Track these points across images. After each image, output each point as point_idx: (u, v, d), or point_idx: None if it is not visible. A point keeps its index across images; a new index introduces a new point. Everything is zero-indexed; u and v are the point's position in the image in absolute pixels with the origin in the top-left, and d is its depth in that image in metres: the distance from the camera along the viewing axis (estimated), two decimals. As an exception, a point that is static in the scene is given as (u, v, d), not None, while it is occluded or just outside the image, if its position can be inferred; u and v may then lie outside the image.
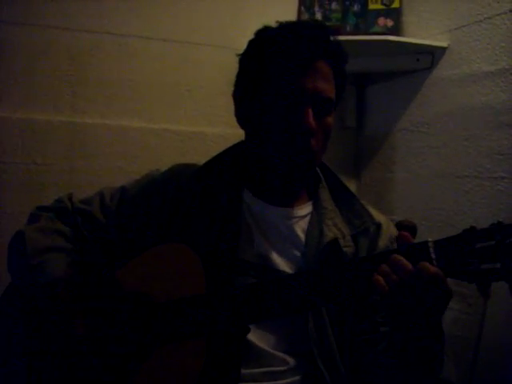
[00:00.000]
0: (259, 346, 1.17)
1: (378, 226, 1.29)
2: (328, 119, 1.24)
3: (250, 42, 1.29)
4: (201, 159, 1.37)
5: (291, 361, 1.19)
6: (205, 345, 1.05)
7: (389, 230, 1.30)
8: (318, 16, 2.39)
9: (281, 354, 1.19)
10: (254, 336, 1.15)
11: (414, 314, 0.97)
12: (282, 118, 1.20)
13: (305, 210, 1.31)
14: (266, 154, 1.24)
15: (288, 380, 1.18)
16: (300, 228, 1.28)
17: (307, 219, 1.30)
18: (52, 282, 1.16)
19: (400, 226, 1.66)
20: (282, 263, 1.23)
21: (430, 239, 0.97)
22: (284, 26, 1.27)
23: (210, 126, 2.28)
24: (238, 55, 1.31)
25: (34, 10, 2.05)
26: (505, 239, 0.90)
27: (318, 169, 1.37)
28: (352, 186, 2.65)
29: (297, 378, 1.18)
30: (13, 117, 2.02)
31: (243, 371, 1.12)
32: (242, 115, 1.31)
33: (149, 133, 2.22)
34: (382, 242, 1.27)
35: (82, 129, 2.12)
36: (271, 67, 1.22)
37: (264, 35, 1.27)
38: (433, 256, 0.95)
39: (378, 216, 1.31)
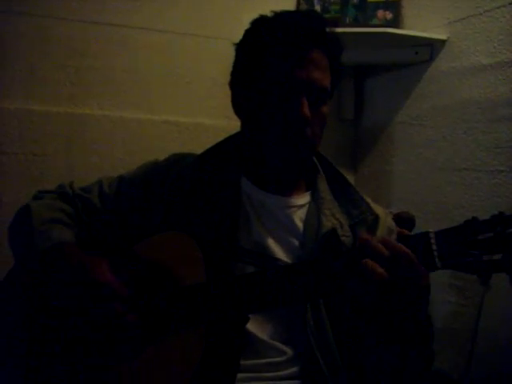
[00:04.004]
0: (257, 335, 1.17)
1: (376, 217, 1.29)
2: (323, 109, 1.24)
3: (246, 32, 1.29)
4: (200, 151, 1.37)
5: (289, 351, 1.19)
6: (204, 334, 1.05)
7: (387, 222, 1.30)
8: (318, 8, 2.39)
9: (279, 344, 1.19)
10: (251, 325, 1.15)
11: (390, 298, 0.96)
12: (277, 108, 1.20)
13: (303, 199, 1.31)
14: (262, 143, 1.25)
15: (287, 371, 1.18)
16: (298, 217, 1.28)
17: (305, 209, 1.30)
18: (60, 243, 1.18)
19: (398, 218, 1.66)
20: (279, 252, 1.23)
21: (430, 230, 0.96)
22: (279, 16, 1.27)
23: (209, 118, 2.28)
24: (235, 44, 1.31)
25: (34, 0, 2.04)
26: (505, 230, 0.89)
27: (315, 160, 1.37)
28: (349, 178, 2.59)
29: (295, 369, 1.18)
30: (11, 107, 2.02)
31: (242, 362, 1.12)
32: (238, 104, 1.32)
33: (148, 124, 2.22)
34: (380, 233, 1.27)
35: (80, 120, 2.12)
36: (266, 56, 1.22)
37: (259, 24, 1.27)
38: (434, 247, 0.94)
39: (375, 207, 1.31)
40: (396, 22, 2.32)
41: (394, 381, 1.11)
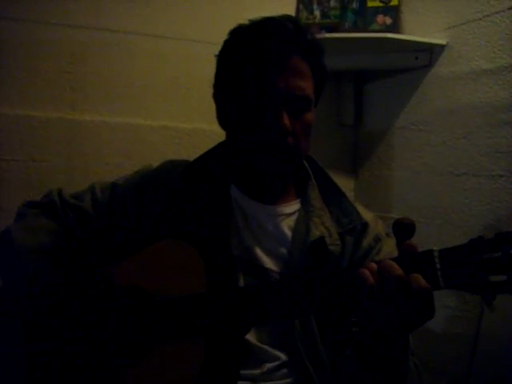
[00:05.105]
0: (248, 339, 1.17)
1: (365, 224, 1.28)
2: (306, 116, 1.21)
3: (225, 42, 1.28)
4: (199, 156, 1.37)
5: (282, 356, 1.19)
6: (204, 344, 1.04)
7: (375, 229, 1.29)
8: (317, 13, 2.39)
9: (271, 349, 1.19)
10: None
11: (389, 321, 0.94)
12: (258, 120, 1.19)
13: (292, 207, 1.30)
14: (246, 155, 1.24)
15: (285, 379, 1.18)
16: (287, 226, 1.27)
17: (295, 217, 1.29)
18: (39, 287, 1.16)
19: (398, 223, 1.66)
20: (267, 260, 1.23)
21: (435, 248, 0.93)
22: (255, 25, 1.25)
23: (208, 123, 2.27)
24: (216, 56, 1.30)
25: (33, 6, 2.04)
26: (511, 250, 0.87)
27: (307, 166, 1.35)
28: (350, 183, 2.65)
29: (290, 375, 1.18)
30: (11, 113, 2.02)
31: (241, 371, 1.11)
32: (221, 117, 1.31)
33: (147, 130, 2.22)
34: (366, 242, 1.26)
35: (80, 126, 2.12)
36: (245, 68, 1.21)
37: (236, 35, 1.26)
38: (438, 266, 0.91)
39: (365, 214, 1.30)
40: (395, 27, 2.32)
41: None
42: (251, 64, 1.20)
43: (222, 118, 1.31)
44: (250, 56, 1.20)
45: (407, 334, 1.01)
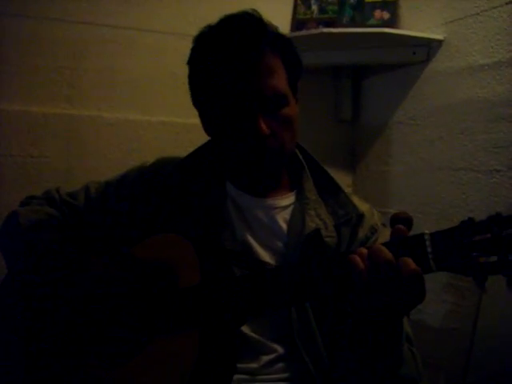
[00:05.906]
0: (244, 331, 1.18)
1: (361, 216, 1.28)
2: (283, 112, 1.20)
3: (192, 50, 1.27)
4: (198, 151, 1.37)
5: (280, 349, 1.20)
6: (198, 337, 1.05)
7: (371, 220, 1.29)
8: (315, 8, 2.39)
9: (267, 342, 1.19)
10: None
11: (381, 305, 0.95)
12: (235, 127, 1.19)
13: (287, 200, 1.30)
14: (231, 160, 1.25)
15: (283, 373, 1.19)
16: (282, 218, 1.28)
17: (290, 209, 1.29)
18: (50, 245, 1.19)
19: (396, 218, 1.66)
20: (264, 253, 1.24)
21: (426, 231, 0.94)
22: (218, 29, 1.23)
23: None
24: (188, 63, 1.29)
25: (31, 2, 2.04)
26: (502, 231, 0.87)
27: (302, 159, 1.35)
28: (347, 178, 2.65)
29: (287, 368, 1.19)
30: (9, 109, 2.02)
31: (238, 365, 1.11)
32: (203, 124, 1.31)
33: (145, 125, 2.22)
34: (362, 233, 1.26)
35: (78, 121, 2.12)
36: (216, 75, 1.20)
37: (202, 42, 1.25)
38: (429, 249, 0.91)
39: (361, 206, 1.30)
40: (393, 22, 2.32)
41: None
42: (221, 71, 1.18)
43: (205, 125, 1.31)
44: (219, 62, 1.19)
45: (399, 318, 1.01)
